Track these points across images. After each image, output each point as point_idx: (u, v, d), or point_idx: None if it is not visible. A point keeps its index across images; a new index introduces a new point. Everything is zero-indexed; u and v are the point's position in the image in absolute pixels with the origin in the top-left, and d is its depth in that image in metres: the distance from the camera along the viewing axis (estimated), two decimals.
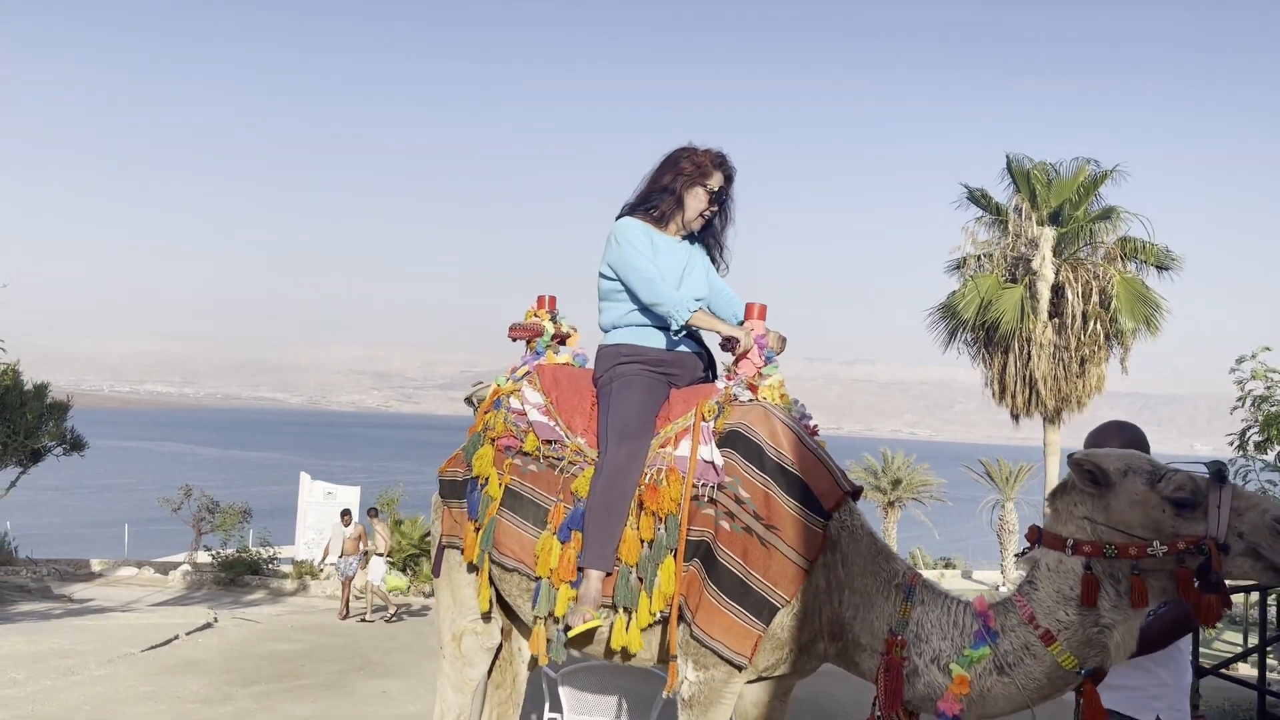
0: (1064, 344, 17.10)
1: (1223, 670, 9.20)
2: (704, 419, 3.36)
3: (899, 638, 2.92)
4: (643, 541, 3.29)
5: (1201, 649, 9.39)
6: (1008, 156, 17.71)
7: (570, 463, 3.53)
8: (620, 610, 3.29)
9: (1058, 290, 17.11)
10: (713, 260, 3.83)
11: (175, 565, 22.68)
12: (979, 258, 18.06)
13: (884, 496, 31.84)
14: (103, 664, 9.26)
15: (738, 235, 3.85)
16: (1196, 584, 2.52)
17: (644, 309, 3.59)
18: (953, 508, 36.87)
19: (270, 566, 20.83)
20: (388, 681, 9.20)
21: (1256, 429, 11.15)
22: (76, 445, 15.71)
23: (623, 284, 3.59)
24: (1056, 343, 17.11)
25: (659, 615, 3.24)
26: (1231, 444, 11.89)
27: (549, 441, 3.59)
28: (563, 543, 3.39)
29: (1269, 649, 8.89)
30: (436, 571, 3.92)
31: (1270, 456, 11.36)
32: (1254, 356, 11.15)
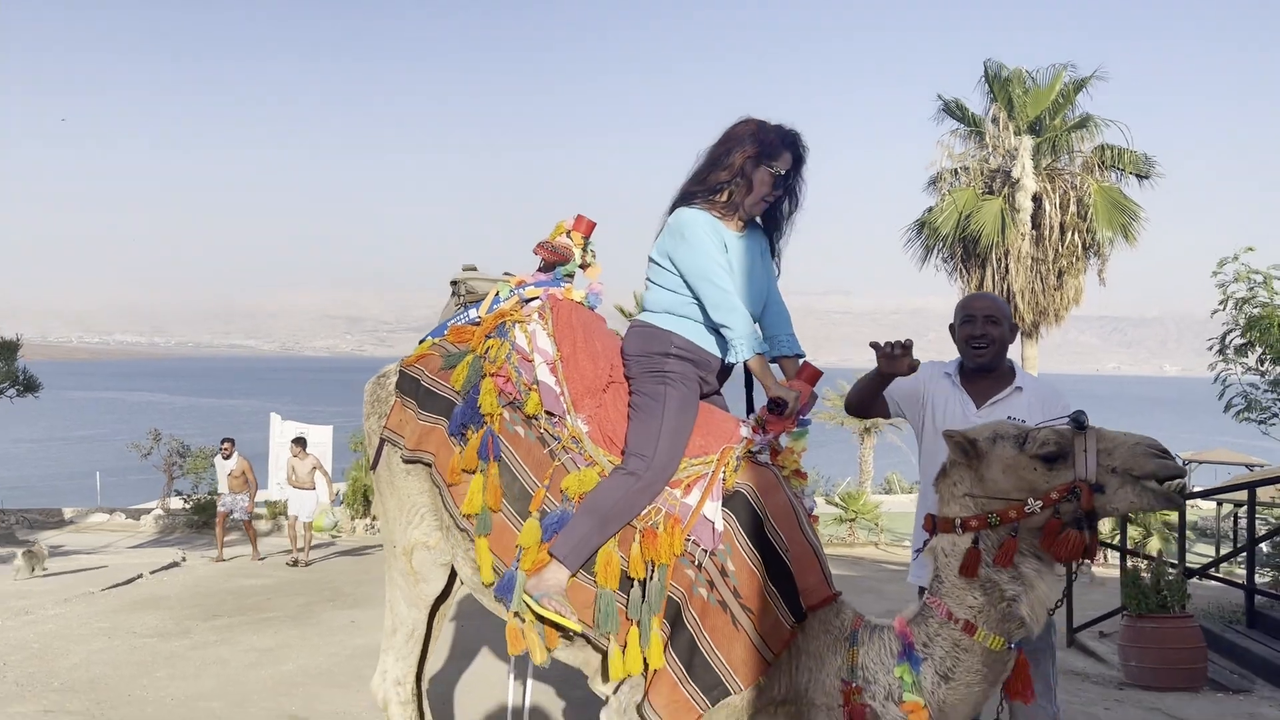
0: (1041, 256, 16.86)
1: (1210, 573, 9.11)
2: (721, 471, 3.07)
3: (853, 685, 2.89)
4: (630, 579, 3.00)
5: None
6: (985, 64, 17.35)
7: (564, 449, 3.19)
8: (610, 639, 3.01)
9: (1035, 201, 16.82)
10: (772, 251, 3.44)
11: (148, 512, 22.36)
12: (955, 171, 17.70)
13: (860, 423, 31.79)
14: (59, 603, 8.96)
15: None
16: (1063, 527, 2.56)
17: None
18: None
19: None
20: (356, 612, 8.93)
21: (1238, 333, 10.96)
22: (30, 386, 15.04)
23: (689, 288, 3.22)
24: (1034, 255, 16.87)
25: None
26: (1210, 348, 11.70)
27: (549, 413, 3.24)
28: (544, 541, 3.08)
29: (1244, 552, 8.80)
30: (375, 464, 3.59)
31: (1251, 360, 11.20)
32: (1236, 258, 10.94)
